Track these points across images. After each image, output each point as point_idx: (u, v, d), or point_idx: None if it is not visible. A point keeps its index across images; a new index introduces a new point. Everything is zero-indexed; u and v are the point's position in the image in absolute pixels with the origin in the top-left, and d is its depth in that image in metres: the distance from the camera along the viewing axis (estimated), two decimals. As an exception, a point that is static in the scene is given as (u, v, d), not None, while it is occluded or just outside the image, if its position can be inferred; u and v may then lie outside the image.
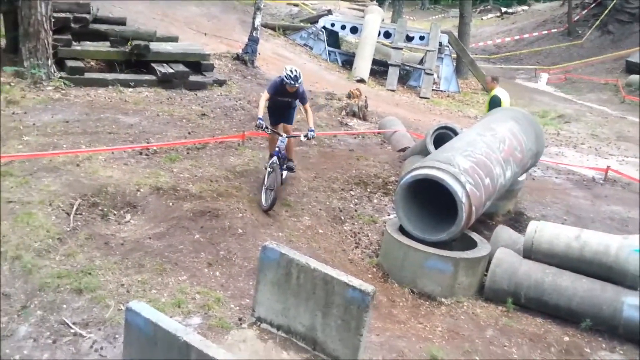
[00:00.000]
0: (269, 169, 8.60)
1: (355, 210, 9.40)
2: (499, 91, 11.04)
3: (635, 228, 9.99)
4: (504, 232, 8.28)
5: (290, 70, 8.53)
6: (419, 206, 8.10)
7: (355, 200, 9.76)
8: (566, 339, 6.88)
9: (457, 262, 7.31)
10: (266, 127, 8.65)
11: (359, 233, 8.80)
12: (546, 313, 7.22)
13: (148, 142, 9.83)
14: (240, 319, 6.12)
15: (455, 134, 10.01)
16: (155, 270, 6.68)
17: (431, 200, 8.10)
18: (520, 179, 9.69)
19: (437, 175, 7.45)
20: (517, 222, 9.67)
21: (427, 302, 7.33)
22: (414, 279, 7.43)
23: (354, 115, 14.24)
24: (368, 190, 10.16)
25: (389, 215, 9.32)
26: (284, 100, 8.91)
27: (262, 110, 8.68)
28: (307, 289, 5.52)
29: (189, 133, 10.72)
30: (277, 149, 8.70)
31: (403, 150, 12.17)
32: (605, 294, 6.97)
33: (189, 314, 6.03)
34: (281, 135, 8.74)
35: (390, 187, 10.29)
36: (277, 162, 8.62)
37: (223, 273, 6.99)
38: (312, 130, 8.71)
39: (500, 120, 9.40)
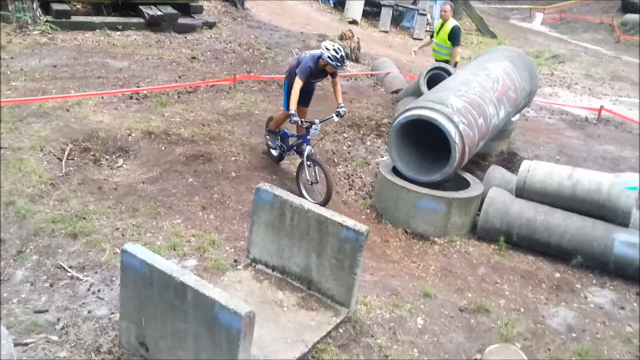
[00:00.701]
0: (307, 163, 7.60)
1: (349, 153, 9.38)
2: (455, 22, 11.21)
3: (627, 166, 10.04)
4: (496, 172, 8.30)
5: (335, 50, 7.23)
6: (412, 147, 8.09)
7: (349, 142, 9.73)
8: (557, 275, 6.98)
9: (450, 202, 7.35)
10: (302, 122, 7.61)
11: (352, 175, 8.81)
12: (538, 251, 7.31)
13: (138, 87, 9.71)
14: (235, 261, 6.17)
15: (449, 74, 9.92)
16: (150, 214, 6.69)
17: (424, 141, 8.09)
18: (513, 119, 9.66)
19: (430, 115, 7.42)
20: (510, 162, 9.69)
21: (421, 242, 7.40)
22: (408, 219, 7.47)
23: (347, 57, 14.06)
24: (361, 132, 10.12)
25: (382, 157, 9.32)
26: (315, 83, 7.90)
27: (295, 103, 7.37)
28: (301, 229, 5.55)
29: (180, 77, 10.59)
30: (308, 138, 7.69)
31: (396, 92, 12.08)
32: (596, 231, 7.05)
33: (185, 257, 6.08)
34: (314, 123, 7.62)
35: (384, 129, 10.25)
36: (312, 152, 7.69)
37: (217, 216, 7.02)
38: (342, 106, 7.64)
39: (495, 60, 9.31)
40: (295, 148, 8.00)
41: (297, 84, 7.36)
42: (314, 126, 7.62)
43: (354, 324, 5.51)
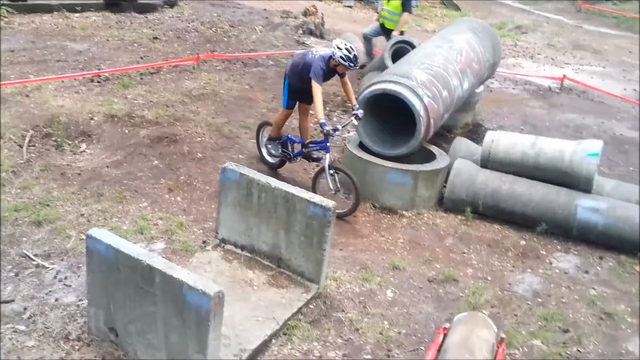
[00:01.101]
0: (329, 172, 7.15)
1: (315, 129, 9.35)
2: None
3: (589, 134, 10.21)
4: (462, 143, 8.37)
5: (347, 49, 6.83)
6: (378, 121, 8.11)
7: (315, 119, 9.68)
8: (523, 243, 7.10)
9: (416, 175, 7.40)
10: (334, 130, 7.01)
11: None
12: (503, 220, 7.42)
13: (99, 69, 9.55)
14: (204, 242, 6.15)
15: (413, 48, 9.92)
16: (115, 198, 6.63)
17: (390, 115, 8.11)
18: (477, 90, 9.73)
19: (394, 89, 7.43)
20: (475, 133, 9.78)
21: (389, 216, 7.45)
22: (375, 194, 7.51)
23: (311, 33, 14.00)
24: (327, 108, 10.09)
25: (348, 132, 9.32)
26: (327, 80, 7.42)
27: (322, 111, 6.91)
28: (269, 207, 5.55)
29: (141, 58, 10.44)
30: (328, 145, 7.18)
31: (361, 67, 12.04)
32: (560, 198, 7.17)
33: (152, 240, 6.04)
34: (337, 129, 7.09)
35: (349, 104, 10.22)
36: (329, 161, 7.18)
37: (184, 198, 6.97)
38: (358, 108, 7.16)
39: (458, 32, 9.34)
40: (306, 154, 7.54)
41: (318, 88, 6.87)
42: (337, 132, 7.05)
43: (325, 299, 5.56)
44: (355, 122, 7.23)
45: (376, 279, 6.03)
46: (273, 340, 4.98)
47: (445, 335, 5.00)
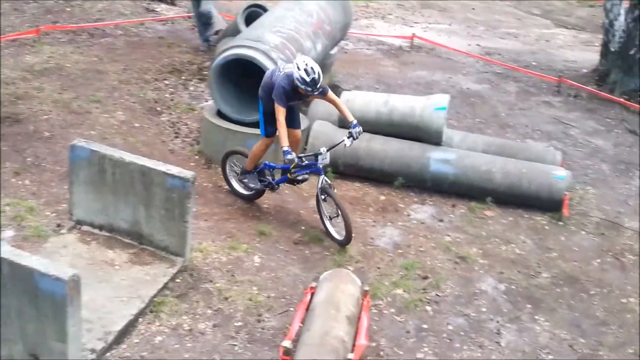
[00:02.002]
0: (321, 196, 6.43)
1: (172, 100, 9.11)
2: None
3: (438, 89, 10.70)
4: (319, 105, 8.47)
5: (306, 70, 5.96)
6: (236, 88, 8.00)
7: (171, 89, 9.43)
8: (382, 198, 7.38)
9: (276, 140, 7.41)
10: (299, 159, 6.32)
11: (177, 123, 8.58)
12: (363, 177, 7.65)
13: None
14: (58, 225, 5.85)
15: (266, 11, 9.84)
16: (-47, 187, 6.12)
17: (247, 80, 8.03)
18: (332, 52, 9.85)
19: (248, 53, 7.35)
20: (334, 94, 9.92)
21: (253, 182, 7.44)
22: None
23: (161, 0, 13.49)
24: (183, 78, 9.84)
25: (206, 101, 9.15)
26: (300, 101, 6.56)
27: (286, 137, 6.10)
28: (125, 183, 5.37)
29: (-27, 33, 9.60)
30: (322, 164, 6.39)
31: (216, 33, 11.81)
32: (413, 152, 7.50)
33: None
34: (320, 153, 6.33)
35: (206, 72, 10.02)
36: (327, 182, 6.39)
37: (33, 180, 6.57)
38: (357, 125, 6.26)
39: (308, -6, 9.36)
40: (291, 179, 6.66)
41: (280, 112, 6.06)
42: (320, 157, 6.30)
43: (191, 271, 5.50)
44: (348, 143, 6.29)
45: (243, 246, 6.04)
46: (140, 319, 4.88)
47: (312, 294, 5.14)
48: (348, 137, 6.24)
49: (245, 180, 6.87)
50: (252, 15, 10.03)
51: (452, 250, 6.42)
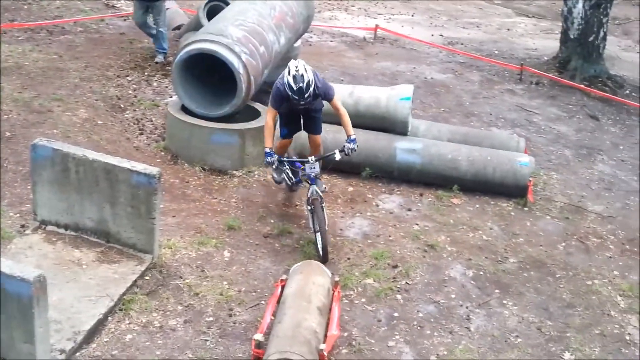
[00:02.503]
0: (308, 207, 6.21)
1: (135, 96, 9.00)
2: None
3: (403, 79, 10.76)
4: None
5: (294, 77, 5.70)
6: (200, 83, 7.94)
7: (134, 85, 9.32)
8: (350, 189, 7.41)
9: (242, 133, 7.40)
10: (280, 162, 6.15)
11: (142, 119, 8.48)
12: (331, 169, 7.63)
13: None
14: (22, 226, 5.75)
15: (228, 5, 9.78)
16: None
17: (211, 75, 7.98)
18: (296, 45, 9.83)
19: (210, 48, 7.29)
20: (298, 87, 9.90)
21: (220, 177, 7.40)
22: (203, 156, 7.41)
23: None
24: (146, 74, 9.73)
25: (171, 97, 9.06)
26: (304, 105, 5.99)
27: (269, 138, 5.97)
28: (90, 181, 5.29)
29: None
30: (310, 174, 6.08)
31: (178, 27, 11.71)
32: (380, 142, 7.54)
33: (-40, 232, 5.53)
34: (307, 162, 6.08)
35: (170, 68, 9.91)
36: (317, 194, 6.02)
37: (-5, 181, 6.44)
38: (353, 140, 5.98)
39: (270, -13, 9.31)
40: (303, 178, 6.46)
41: (269, 113, 6.02)
42: (308, 165, 6.04)
43: (160, 268, 5.46)
44: (338, 157, 6.04)
45: (212, 241, 6.01)
46: (109, 318, 4.83)
47: (283, 287, 5.15)
48: (340, 151, 6.03)
49: (272, 171, 6.77)
50: (214, 9, 9.96)
51: (420, 238, 6.47)
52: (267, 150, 5.96)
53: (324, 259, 5.80)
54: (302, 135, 6.64)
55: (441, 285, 5.80)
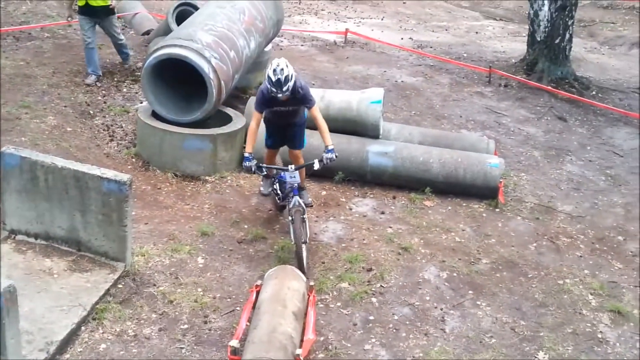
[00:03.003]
0: (289, 218, 6.08)
1: (105, 102, 8.90)
2: None
3: (374, 83, 10.81)
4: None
5: (274, 70, 5.62)
6: (170, 88, 7.90)
7: (103, 91, 9.21)
8: (324, 193, 7.42)
9: (214, 139, 7.37)
10: (258, 167, 6.03)
11: (112, 125, 8.39)
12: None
13: None
14: (-9, 236, 5.64)
15: (197, 9, 9.73)
16: None
17: (181, 80, 7.93)
18: (266, 49, 9.82)
19: (180, 53, 7.24)
20: (270, 92, 9.89)
21: (192, 183, 7.36)
22: (175, 162, 7.36)
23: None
24: (115, 79, 9.63)
25: (141, 102, 8.97)
26: (285, 110, 6.06)
27: (251, 143, 5.93)
28: (59, 189, 5.22)
29: None
30: (290, 186, 6.06)
31: (147, 32, 11.63)
32: (352, 146, 7.56)
33: None
34: (287, 170, 6.07)
35: (139, 73, 9.81)
36: (299, 205, 5.97)
37: (-39, 191, 6.30)
38: (331, 150, 5.88)
39: (239, -8, 9.29)
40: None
41: (253, 117, 5.96)
42: (288, 173, 6.03)
43: (134, 276, 5.40)
44: (317, 166, 5.94)
45: (185, 248, 5.96)
46: (82, 328, 4.76)
47: (258, 292, 5.13)
48: (319, 161, 5.94)
49: (261, 182, 6.69)
50: (183, 13, 9.92)
51: (394, 241, 6.50)
52: (246, 154, 5.92)
53: (301, 270, 5.60)
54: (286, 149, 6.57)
55: (416, 288, 5.83)
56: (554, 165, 8.93)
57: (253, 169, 5.96)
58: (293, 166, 6.10)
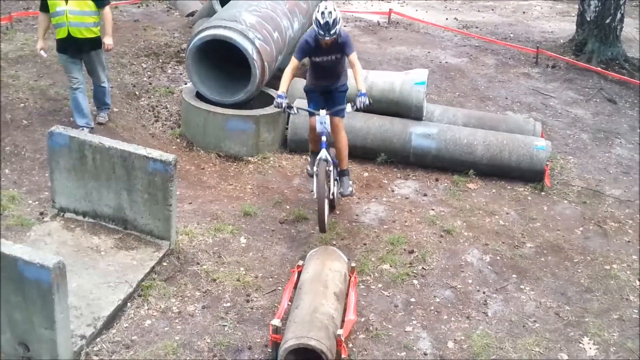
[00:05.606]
0: (315, 171, 6.04)
1: (150, 84, 9.03)
2: None
3: (418, 64, 10.69)
4: (299, 83, 8.42)
5: (322, 12, 5.61)
6: (214, 69, 7.95)
7: (149, 72, 9.34)
8: (366, 174, 7.39)
9: (257, 120, 7.40)
10: (288, 107, 5.99)
11: (157, 106, 8.51)
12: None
13: None
14: (41, 213, 5.80)
15: (241, -9, 9.73)
16: None
17: (225, 61, 7.98)
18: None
19: (224, 34, 7.27)
20: (312, 73, 9.87)
21: (235, 163, 7.43)
22: (219, 143, 7.43)
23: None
24: (160, 60, 9.75)
25: (185, 83, 9.07)
26: (327, 59, 6.03)
27: (285, 83, 5.91)
28: (107, 169, 5.31)
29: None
30: (322, 138, 5.96)
31: (191, 14, 11.71)
32: (395, 127, 7.51)
33: (-19, 218, 5.59)
34: (317, 114, 5.96)
35: (183, 55, 9.93)
36: (325, 158, 5.92)
37: (13, 169, 6.49)
38: (364, 94, 5.81)
39: (283, -28, 9.26)
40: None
41: (290, 63, 5.94)
42: (318, 118, 5.92)
43: (178, 255, 5.48)
44: (348, 109, 5.94)
45: (228, 227, 6.02)
46: (128, 304, 4.87)
47: (300, 273, 5.16)
48: (352, 105, 5.90)
49: (308, 164, 6.60)
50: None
51: (436, 224, 6.45)
52: (280, 93, 5.89)
53: (320, 229, 5.83)
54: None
55: (458, 271, 5.78)
56: (602, 148, 8.71)
57: (284, 106, 5.89)
58: (324, 111, 5.98)
